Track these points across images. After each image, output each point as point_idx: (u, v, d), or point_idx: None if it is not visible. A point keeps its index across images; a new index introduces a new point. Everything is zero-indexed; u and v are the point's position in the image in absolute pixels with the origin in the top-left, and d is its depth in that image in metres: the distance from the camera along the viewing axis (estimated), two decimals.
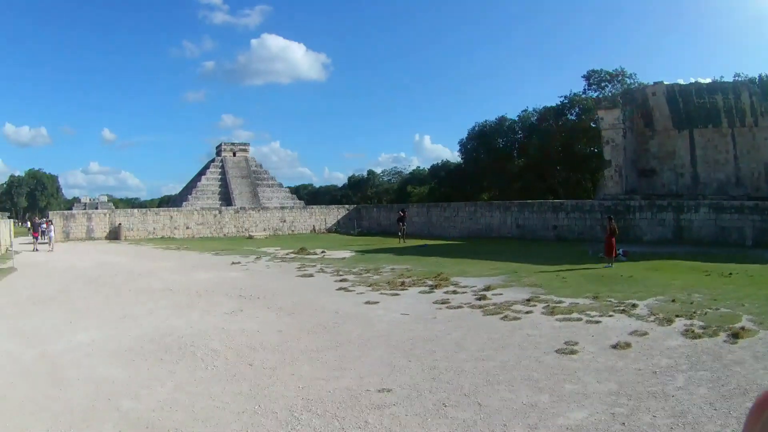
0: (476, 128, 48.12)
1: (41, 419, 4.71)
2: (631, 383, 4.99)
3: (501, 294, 10.02)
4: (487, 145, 46.63)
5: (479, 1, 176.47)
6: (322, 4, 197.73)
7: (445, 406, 4.61)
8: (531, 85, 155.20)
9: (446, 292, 10.33)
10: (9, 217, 31.41)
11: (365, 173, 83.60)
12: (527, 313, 8.29)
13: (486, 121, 48.22)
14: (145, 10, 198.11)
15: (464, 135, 49.88)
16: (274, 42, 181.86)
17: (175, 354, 6.56)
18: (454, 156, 72.11)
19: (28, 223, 33.72)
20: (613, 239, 14.06)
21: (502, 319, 7.88)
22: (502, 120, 47.12)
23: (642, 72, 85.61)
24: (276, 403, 4.80)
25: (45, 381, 5.72)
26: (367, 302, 9.53)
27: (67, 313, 9.57)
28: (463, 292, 10.29)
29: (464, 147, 49.59)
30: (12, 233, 27.96)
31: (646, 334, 6.75)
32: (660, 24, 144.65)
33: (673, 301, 8.85)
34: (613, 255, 14.05)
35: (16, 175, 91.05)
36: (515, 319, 7.87)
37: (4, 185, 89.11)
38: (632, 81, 38.97)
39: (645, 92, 25.75)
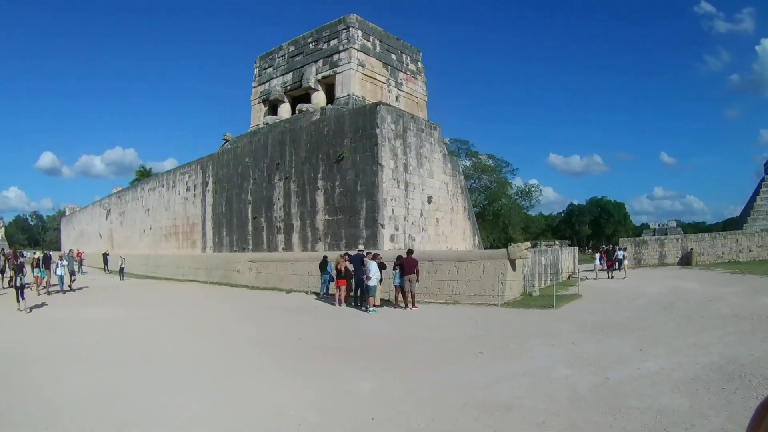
0: None
1: None
2: None
3: None
4: None
5: None
6: None
7: None
8: None
9: None
10: (570, 245, 33.67)
11: None
12: None
13: None
14: (637, 24, 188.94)
15: None
16: None
17: (735, 383, 6.48)
18: None
19: (595, 251, 36.58)
20: None
21: None
22: None
23: None
24: None
25: (596, 409, 5.84)
26: None
27: (637, 340, 9.65)
28: None
29: None
30: (576, 261, 29.76)
31: None
32: None
33: None
34: None
35: (575, 203, 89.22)
36: None
37: (562, 214, 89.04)
38: None
39: None
